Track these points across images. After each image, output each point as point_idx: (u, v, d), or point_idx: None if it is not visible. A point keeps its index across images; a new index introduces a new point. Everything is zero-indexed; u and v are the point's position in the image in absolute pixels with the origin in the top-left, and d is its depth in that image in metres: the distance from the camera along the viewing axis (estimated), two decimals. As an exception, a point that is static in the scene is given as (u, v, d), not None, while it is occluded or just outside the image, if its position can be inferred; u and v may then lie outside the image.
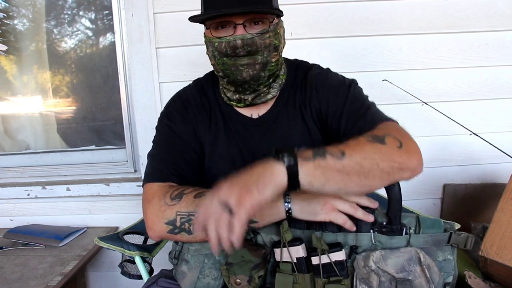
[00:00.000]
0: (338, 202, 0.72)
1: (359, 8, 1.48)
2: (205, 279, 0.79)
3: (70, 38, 1.79)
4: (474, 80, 1.53)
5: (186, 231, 0.77)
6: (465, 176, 1.59)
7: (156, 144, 0.92)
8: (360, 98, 0.87)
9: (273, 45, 0.82)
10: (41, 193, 1.64)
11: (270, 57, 0.83)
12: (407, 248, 0.72)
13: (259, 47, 0.80)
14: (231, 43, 0.78)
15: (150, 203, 0.81)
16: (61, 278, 1.23)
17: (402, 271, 0.69)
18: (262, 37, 0.79)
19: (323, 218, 0.72)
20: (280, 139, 0.91)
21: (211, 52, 0.84)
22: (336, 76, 0.93)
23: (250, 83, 0.84)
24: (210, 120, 0.93)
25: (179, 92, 0.98)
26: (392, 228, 0.73)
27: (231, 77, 0.83)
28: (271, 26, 0.81)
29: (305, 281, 0.72)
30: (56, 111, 1.84)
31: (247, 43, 0.78)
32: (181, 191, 0.79)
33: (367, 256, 0.72)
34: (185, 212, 0.76)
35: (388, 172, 0.68)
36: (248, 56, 0.80)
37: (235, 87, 0.87)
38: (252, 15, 0.79)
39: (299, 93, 0.92)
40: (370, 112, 0.84)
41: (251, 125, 0.92)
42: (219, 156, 0.92)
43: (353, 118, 0.83)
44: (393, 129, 0.76)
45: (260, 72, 0.82)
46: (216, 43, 0.80)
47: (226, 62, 0.82)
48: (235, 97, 0.89)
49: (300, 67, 0.96)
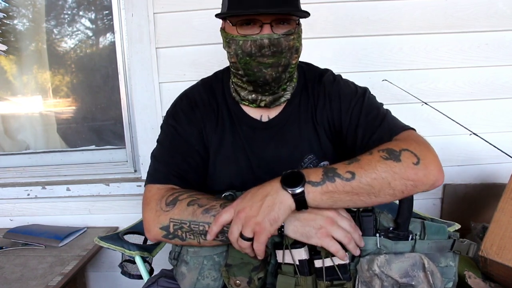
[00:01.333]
0: (334, 229, 0.68)
1: (359, 8, 1.48)
2: (204, 280, 0.79)
3: (70, 38, 1.79)
4: (474, 80, 1.53)
5: (179, 238, 0.77)
6: (465, 176, 1.59)
7: (160, 144, 0.91)
8: (375, 108, 0.86)
9: (295, 47, 0.81)
10: (41, 193, 1.64)
11: (291, 59, 0.82)
12: (411, 253, 0.71)
13: (284, 48, 0.78)
14: (257, 42, 0.77)
15: (148, 206, 0.81)
16: (61, 278, 1.23)
17: (405, 276, 0.69)
18: (287, 38, 0.79)
19: (315, 243, 0.69)
20: (289, 144, 0.89)
21: (233, 50, 0.81)
22: (348, 85, 0.91)
23: (272, 84, 0.83)
24: (217, 121, 0.91)
25: (186, 91, 0.96)
26: (399, 234, 0.72)
27: (252, 77, 0.82)
28: (297, 27, 0.81)
29: (307, 284, 0.71)
30: (56, 111, 1.84)
31: (273, 43, 0.77)
32: (176, 197, 0.78)
33: (372, 260, 0.71)
34: (177, 220, 0.76)
35: (402, 190, 0.68)
36: (273, 56, 0.79)
37: (254, 87, 0.85)
38: (280, 15, 0.78)
39: (311, 98, 0.90)
40: (386, 121, 0.83)
41: (259, 128, 0.91)
42: (224, 157, 0.90)
43: (370, 129, 0.82)
44: (412, 141, 0.74)
45: (282, 74, 0.82)
46: (241, 41, 0.78)
47: (249, 62, 0.80)
48: (251, 97, 0.87)
49: (311, 71, 0.95)
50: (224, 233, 0.72)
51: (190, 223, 0.74)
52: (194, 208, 0.75)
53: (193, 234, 0.75)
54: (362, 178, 0.66)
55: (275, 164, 0.88)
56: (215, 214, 0.73)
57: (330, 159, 0.89)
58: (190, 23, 1.48)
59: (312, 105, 0.90)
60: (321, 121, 0.89)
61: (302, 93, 0.91)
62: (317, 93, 0.90)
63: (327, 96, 0.89)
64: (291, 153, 0.89)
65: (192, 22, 1.48)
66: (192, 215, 0.75)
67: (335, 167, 0.68)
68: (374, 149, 0.71)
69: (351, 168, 0.67)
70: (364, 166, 0.67)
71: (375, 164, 0.67)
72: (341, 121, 0.87)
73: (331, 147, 0.89)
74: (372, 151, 0.71)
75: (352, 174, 0.66)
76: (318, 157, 0.88)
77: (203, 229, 0.74)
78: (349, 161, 0.69)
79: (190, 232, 0.75)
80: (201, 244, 0.76)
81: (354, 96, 0.88)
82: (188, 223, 0.75)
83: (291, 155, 0.89)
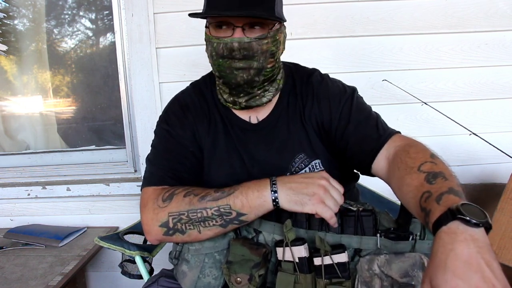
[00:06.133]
0: (327, 196, 0.71)
1: (359, 8, 1.48)
2: (205, 279, 0.79)
3: (70, 38, 1.79)
4: (474, 80, 1.53)
5: (179, 231, 0.77)
6: (465, 176, 1.59)
7: (154, 148, 0.92)
8: (365, 107, 0.88)
9: (270, 51, 0.80)
10: (41, 193, 1.64)
11: (265, 63, 0.81)
12: (411, 253, 0.71)
13: (255, 52, 0.78)
14: (228, 45, 0.77)
15: (145, 207, 0.81)
16: (61, 278, 1.23)
17: (405, 276, 0.69)
18: (259, 42, 0.78)
19: (309, 210, 0.71)
20: (279, 144, 0.90)
21: (209, 51, 0.83)
22: (337, 85, 0.92)
23: (244, 86, 0.83)
24: (209, 123, 0.92)
25: (177, 95, 0.97)
26: (399, 235, 0.73)
27: (225, 78, 0.83)
28: (271, 32, 0.80)
29: (306, 281, 0.72)
30: (56, 111, 1.84)
31: (243, 47, 0.77)
32: (172, 192, 0.80)
33: (372, 259, 0.71)
34: (176, 212, 0.77)
35: None
36: (244, 60, 0.79)
37: (229, 89, 0.86)
38: (252, 19, 0.78)
39: (299, 98, 0.91)
40: (379, 121, 0.85)
41: (249, 130, 0.91)
42: (218, 159, 0.91)
43: (362, 126, 0.84)
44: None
45: (254, 77, 0.81)
46: (215, 43, 0.80)
47: (221, 64, 0.81)
48: (230, 99, 0.88)
49: (299, 72, 0.95)
50: (222, 215, 0.74)
51: (188, 212, 0.76)
52: (191, 197, 0.77)
53: (193, 224, 0.76)
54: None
55: (267, 164, 0.89)
56: (211, 199, 0.75)
57: (322, 158, 0.89)
58: (190, 23, 1.48)
59: (300, 105, 0.90)
60: (310, 121, 0.89)
61: (290, 94, 0.92)
62: (305, 93, 0.90)
63: (315, 96, 0.89)
64: (282, 153, 0.89)
65: (192, 22, 1.47)
66: (189, 204, 0.76)
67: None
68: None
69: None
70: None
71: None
72: (331, 120, 0.87)
73: (322, 146, 0.90)
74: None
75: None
76: (309, 157, 0.89)
77: (201, 216, 0.75)
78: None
79: (189, 222, 0.76)
80: (202, 234, 0.77)
81: (343, 95, 0.88)
82: (186, 213, 0.76)
83: (282, 155, 0.89)
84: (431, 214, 0.54)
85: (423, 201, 0.59)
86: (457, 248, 0.46)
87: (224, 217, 0.74)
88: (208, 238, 0.78)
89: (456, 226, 0.48)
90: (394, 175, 0.72)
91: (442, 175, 0.62)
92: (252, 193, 0.74)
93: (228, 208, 0.74)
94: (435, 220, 0.52)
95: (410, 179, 0.65)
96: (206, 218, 0.75)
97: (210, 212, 0.75)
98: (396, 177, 0.70)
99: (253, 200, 0.74)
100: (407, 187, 0.65)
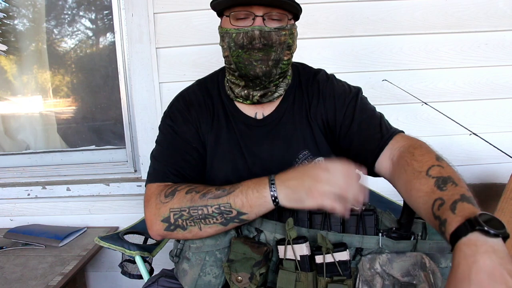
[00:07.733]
0: (322, 185, 0.68)
1: (359, 8, 1.48)
2: (206, 277, 0.79)
3: (70, 38, 1.79)
4: (474, 80, 1.53)
5: (180, 227, 0.78)
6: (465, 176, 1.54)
7: (159, 144, 0.93)
8: (369, 107, 0.89)
9: (287, 43, 0.83)
10: (41, 193, 1.64)
11: (282, 55, 0.83)
12: (413, 252, 0.72)
13: (274, 42, 0.80)
14: (249, 34, 0.79)
15: (148, 202, 0.82)
16: (61, 278, 1.23)
17: (407, 275, 0.69)
18: (278, 33, 0.80)
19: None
20: (283, 140, 0.91)
21: (226, 43, 0.84)
22: (342, 84, 0.94)
23: (262, 79, 0.84)
24: (212, 119, 0.93)
25: (182, 92, 0.98)
26: (401, 234, 0.73)
27: (243, 71, 0.84)
28: (289, 24, 0.82)
29: (307, 280, 0.72)
30: (56, 111, 1.84)
31: (264, 36, 0.79)
32: (175, 188, 0.80)
33: (373, 258, 0.71)
34: (177, 208, 0.77)
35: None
36: (263, 51, 0.81)
37: (245, 82, 0.87)
38: (272, 9, 0.80)
39: (305, 96, 0.92)
40: (383, 121, 0.86)
41: (254, 126, 0.92)
42: (220, 155, 0.92)
43: (365, 125, 0.84)
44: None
45: (272, 69, 0.83)
46: (234, 33, 0.81)
47: (240, 55, 0.82)
48: (243, 93, 0.88)
49: (305, 70, 0.97)
50: (223, 213, 0.74)
51: (189, 209, 0.76)
52: (192, 194, 0.77)
53: (193, 221, 0.76)
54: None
55: (270, 161, 0.90)
56: (212, 197, 0.75)
57: (325, 156, 0.90)
58: (190, 23, 1.48)
59: (306, 102, 0.92)
60: (315, 119, 0.91)
61: (297, 91, 0.93)
62: (311, 91, 0.92)
63: (321, 95, 0.91)
64: (286, 150, 0.90)
65: (192, 22, 1.48)
66: (190, 201, 0.77)
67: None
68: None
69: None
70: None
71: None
72: (335, 119, 0.89)
73: (326, 144, 0.91)
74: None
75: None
76: (313, 154, 0.90)
77: (202, 213, 0.75)
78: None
79: (190, 219, 0.76)
80: (202, 231, 0.77)
81: (348, 95, 0.90)
82: (187, 209, 0.76)
83: (286, 151, 0.90)
84: (448, 225, 0.54)
85: (436, 209, 0.59)
86: (480, 260, 0.46)
87: (225, 215, 0.75)
88: (209, 235, 0.79)
89: (476, 238, 0.48)
90: (400, 177, 0.72)
91: (452, 180, 0.63)
92: (252, 193, 0.74)
93: (228, 207, 0.74)
94: (453, 231, 0.52)
95: (419, 184, 0.65)
96: (207, 215, 0.75)
97: (211, 210, 0.75)
98: (403, 180, 0.70)
99: (253, 200, 0.74)
100: (416, 192, 0.65)
